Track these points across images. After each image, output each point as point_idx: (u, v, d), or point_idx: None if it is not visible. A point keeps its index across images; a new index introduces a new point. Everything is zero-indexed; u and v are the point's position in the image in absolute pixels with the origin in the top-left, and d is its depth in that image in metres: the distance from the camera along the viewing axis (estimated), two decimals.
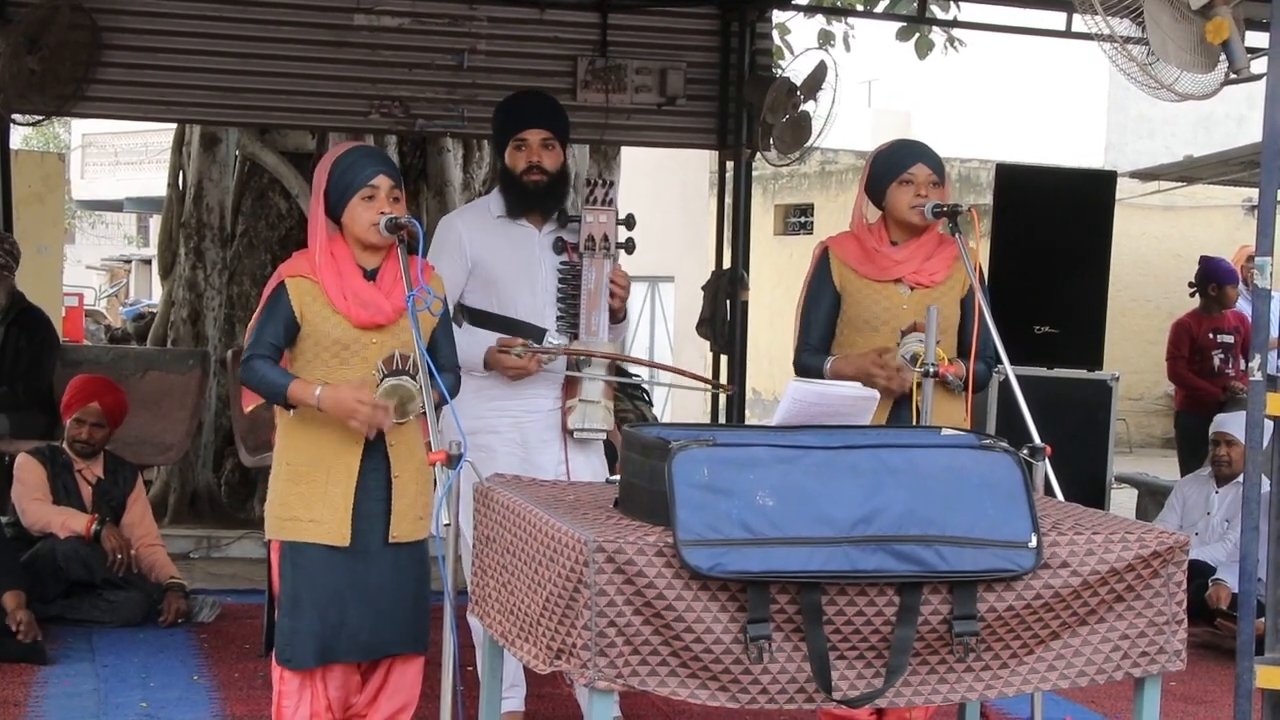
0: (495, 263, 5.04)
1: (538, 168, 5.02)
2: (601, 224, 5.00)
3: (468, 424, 4.99)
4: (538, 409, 5.05)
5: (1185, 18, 4.71)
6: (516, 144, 5.04)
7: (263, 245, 10.19)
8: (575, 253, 5.03)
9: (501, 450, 4.99)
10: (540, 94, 5.46)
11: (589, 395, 5.01)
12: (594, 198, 5.01)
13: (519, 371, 4.92)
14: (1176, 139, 20.02)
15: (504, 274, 5.04)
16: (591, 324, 5.00)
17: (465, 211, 5.40)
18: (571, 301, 5.02)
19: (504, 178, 5.12)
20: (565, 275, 5.04)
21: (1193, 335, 9.95)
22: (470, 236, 5.06)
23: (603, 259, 5.00)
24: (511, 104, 5.25)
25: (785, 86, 8.53)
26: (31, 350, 7.87)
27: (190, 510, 9.72)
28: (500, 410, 5.02)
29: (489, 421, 5.01)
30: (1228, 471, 7.55)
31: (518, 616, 3.54)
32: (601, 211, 5.01)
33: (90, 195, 34.10)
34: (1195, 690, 6.33)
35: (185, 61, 8.17)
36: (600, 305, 5.00)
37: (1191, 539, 3.62)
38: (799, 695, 3.27)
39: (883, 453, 3.34)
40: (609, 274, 5.01)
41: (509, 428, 5.03)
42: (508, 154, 5.08)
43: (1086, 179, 9.58)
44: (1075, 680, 3.47)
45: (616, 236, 5.02)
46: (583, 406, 5.01)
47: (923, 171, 4.84)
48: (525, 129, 5.04)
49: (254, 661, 6.12)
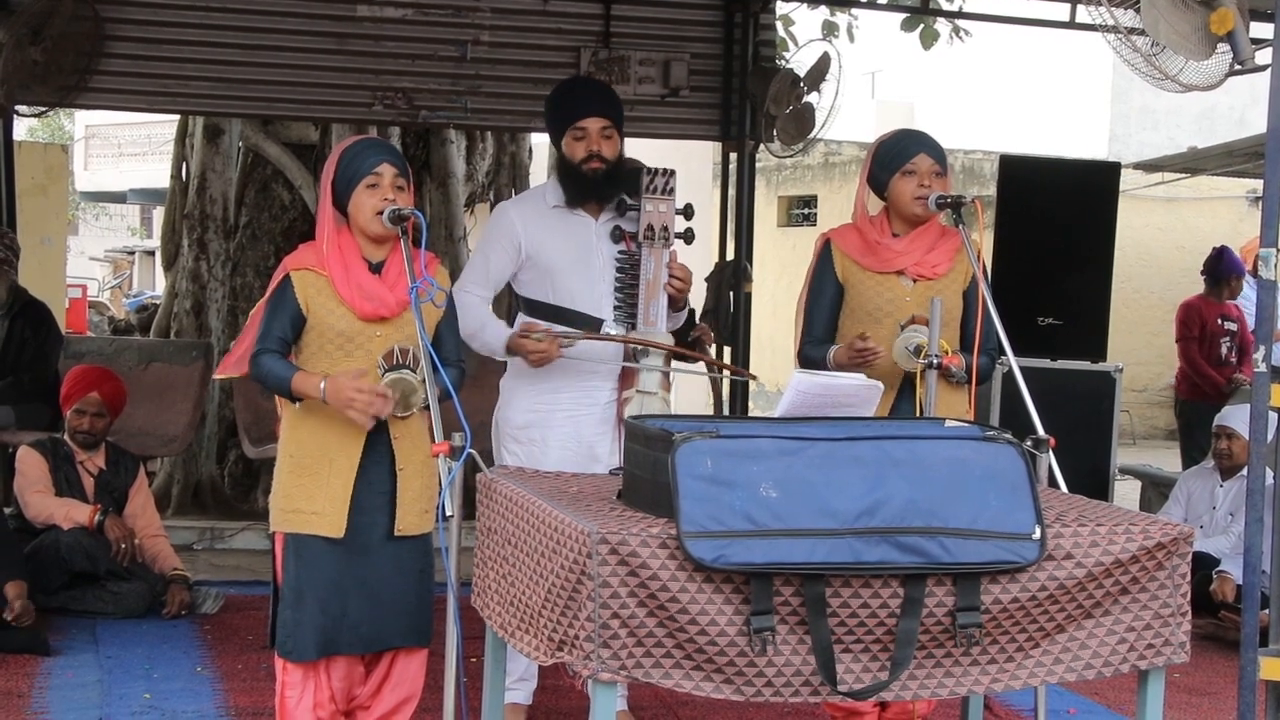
0: (551, 252, 4.97)
1: (597, 156, 4.94)
2: (661, 213, 4.91)
3: (522, 417, 5.00)
4: (595, 400, 4.99)
5: (1187, 7, 4.70)
6: (576, 133, 4.96)
7: (266, 237, 10.20)
8: (633, 241, 4.94)
9: (555, 443, 4.95)
10: (596, 81, 5.36)
11: (646, 386, 4.93)
12: (654, 186, 4.92)
13: (541, 357, 4.84)
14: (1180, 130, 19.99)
15: (560, 263, 4.97)
16: (650, 314, 4.91)
17: (521, 200, 5.33)
18: (630, 291, 4.93)
19: (561, 167, 5.03)
20: (623, 264, 4.94)
21: (1203, 318, 9.91)
22: (525, 226, 4.99)
23: (661, 248, 4.91)
24: (568, 91, 5.16)
25: (789, 78, 8.53)
26: (36, 342, 7.88)
27: (193, 501, 9.73)
28: (555, 404, 4.98)
29: (543, 415, 4.97)
30: (1229, 465, 7.55)
31: (518, 608, 3.53)
32: (661, 200, 4.91)
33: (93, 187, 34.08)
34: (1199, 682, 6.32)
35: (188, 53, 8.18)
36: (658, 295, 4.91)
37: (1196, 532, 3.61)
38: (804, 688, 3.26)
39: (886, 444, 3.34)
40: (668, 263, 4.93)
41: (563, 421, 4.98)
42: (565, 143, 4.99)
43: (1090, 170, 9.58)
44: (1081, 673, 3.47)
45: (675, 226, 4.95)
46: (640, 398, 4.92)
47: (925, 162, 4.82)
48: (584, 117, 4.95)
49: (257, 653, 6.13)
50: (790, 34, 11.47)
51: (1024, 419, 4.36)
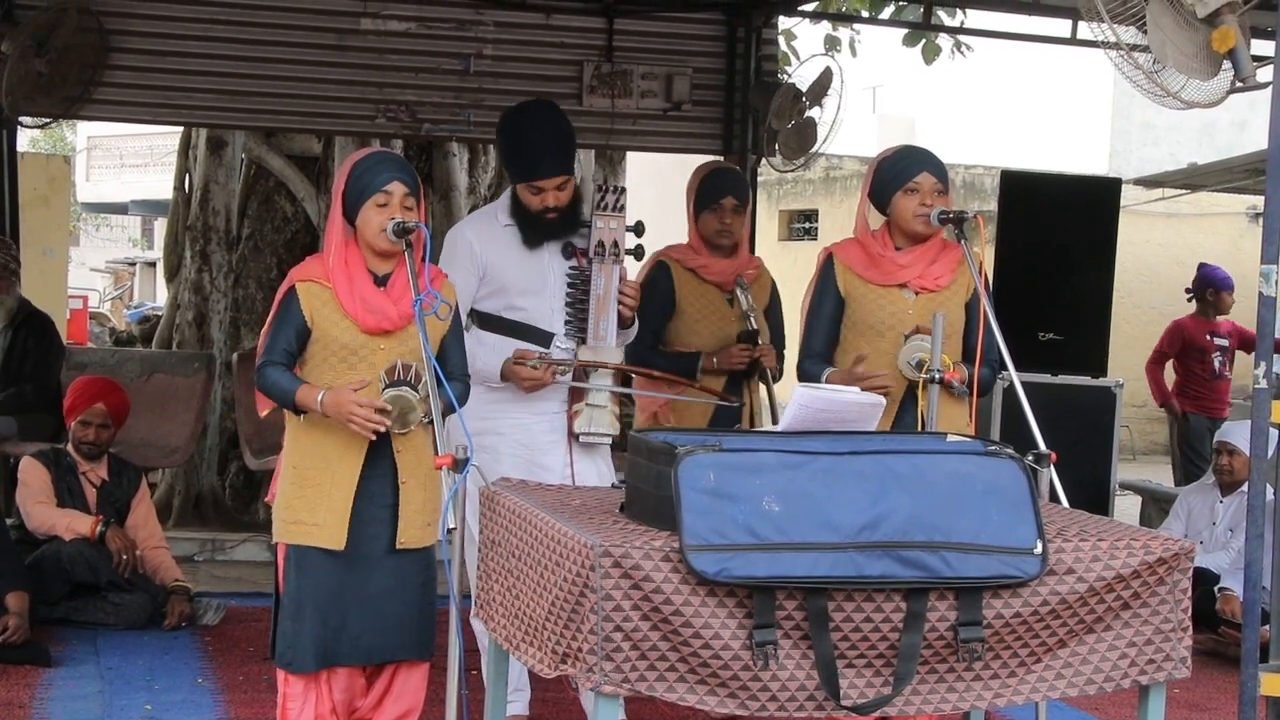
0: (505, 268, 5.03)
1: (553, 209, 5.01)
2: (611, 230, 4.99)
3: (473, 424, 4.98)
4: (543, 411, 5.05)
5: (1189, 25, 4.71)
6: (532, 189, 5.00)
7: (268, 248, 10.20)
8: (584, 258, 5.02)
9: (506, 452, 5.00)
10: (551, 121, 5.11)
11: (595, 400, 5.01)
12: (604, 203, 4.99)
13: (534, 383, 4.93)
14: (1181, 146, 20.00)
15: (513, 279, 5.03)
16: (600, 329, 4.99)
17: (473, 220, 5.37)
18: (580, 307, 5.01)
19: (519, 208, 5.06)
20: (574, 280, 5.03)
21: (1188, 337, 10.07)
22: (481, 245, 5.05)
23: (612, 264, 4.99)
24: (529, 145, 5.06)
25: (791, 92, 8.54)
26: (39, 352, 7.88)
27: (195, 513, 9.72)
28: (505, 412, 5.03)
29: (493, 423, 5.01)
30: (1230, 480, 7.56)
31: (523, 620, 3.54)
32: (612, 217, 4.99)
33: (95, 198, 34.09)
34: (1199, 697, 6.32)
35: (192, 65, 8.18)
36: (609, 311, 4.99)
37: (1196, 547, 3.62)
38: (809, 703, 3.26)
39: (888, 458, 3.35)
40: (618, 280, 5.00)
41: (513, 429, 5.04)
42: (522, 192, 5.03)
43: (1091, 186, 9.59)
44: (1083, 688, 3.47)
45: (625, 242, 5.01)
46: (589, 411, 5.00)
47: (928, 180, 4.84)
48: (540, 178, 4.99)
49: (258, 664, 6.12)
50: (792, 49, 11.48)
51: (1025, 434, 4.38)
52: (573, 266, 5.04)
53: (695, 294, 5.71)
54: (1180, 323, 10.27)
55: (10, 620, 6.07)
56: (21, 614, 6.12)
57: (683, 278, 5.72)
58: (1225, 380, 10.15)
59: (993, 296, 4.96)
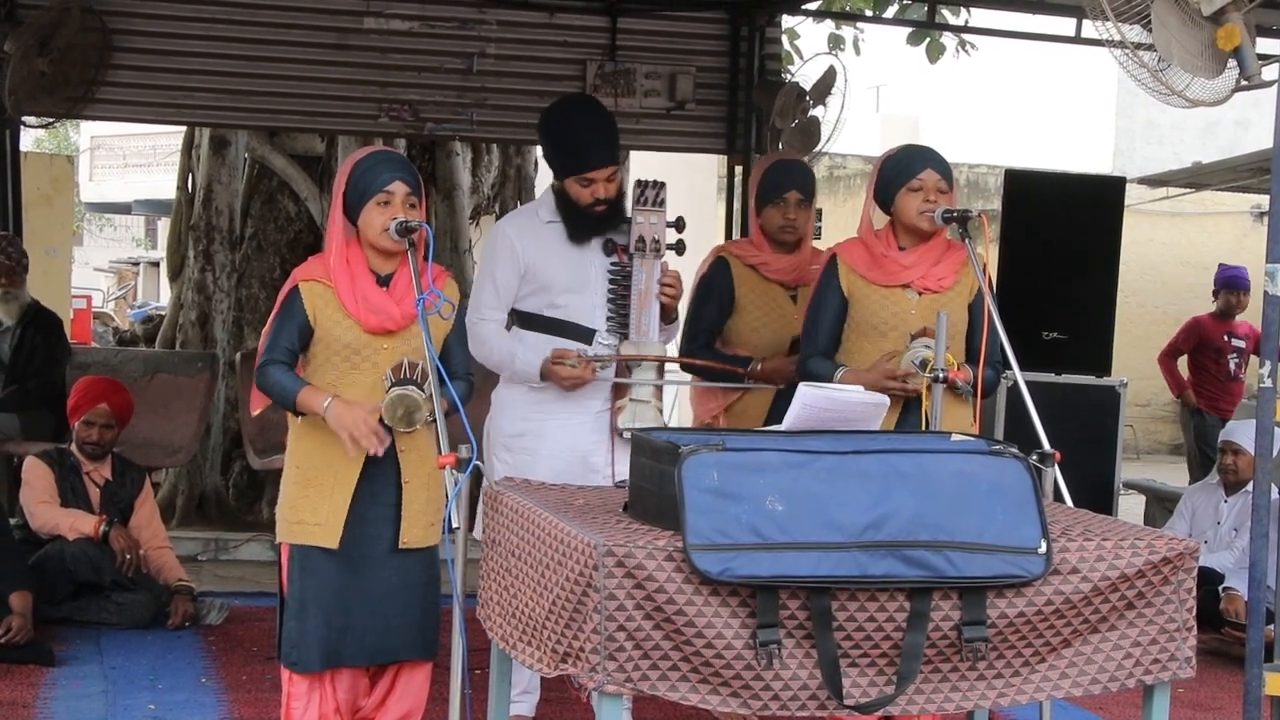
0: (546, 266, 4.99)
1: (603, 201, 4.98)
2: (652, 225, 4.95)
3: (515, 425, 5.02)
4: (587, 410, 4.99)
5: (1194, 23, 4.71)
6: (582, 182, 4.97)
7: (271, 248, 10.20)
8: (625, 254, 4.98)
9: (546, 453, 4.96)
10: (595, 113, 5.13)
11: (639, 395, 4.96)
12: (645, 199, 4.95)
13: (575, 381, 4.89)
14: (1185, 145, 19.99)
15: (555, 276, 4.99)
16: (642, 324, 4.95)
17: (514, 218, 5.31)
18: (622, 302, 4.97)
19: (565, 204, 5.03)
20: (615, 276, 4.99)
21: (1205, 335, 10.04)
22: (522, 243, 5.01)
23: (653, 260, 4.95)
24: (571, 134, 5.07)
25: (794, 91, 8.53)
26: (46, 349, 7.89)
27: (198, 513, 9.73)
28: (548, 412, 4.99)
29: (536, 424, 4.98)
30: (1234, 480, 7.55)
31: (520, 620, 3.53)
32: (652, 213, 4.95)
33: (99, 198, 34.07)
34: (1204, 697, 6.31)
35: (195, 64, 8.18)
36: (650, 306, 4.95)
37: (1200, 547, 3.61)
38: (811, 702, 3.26)
39: (892, 458, 3.34)
40: (659, 275, 4.97)
41: (557, 429, 4.98)
42: (572, 186, 4.99)
43: (1095, 185, 9.58)
44: (1088, 688, 3.47)
45: (666, 238, 4.98)
46: (633, 406, 4.95)
47: (931, 177, 4.83)
48: (593, 169, 4.96)
49: (262, 664, 6.12)
50: (796, 47, 11.48)
51: (1029, 433, 4.37)
52: (614, 263, 5.00)
53: (756, 292, 5.60)
54: (1199, 319, 10.26)
55: (14, 620, 6.07)
56: (25, 614, 6.12)
57: (743, 274, 5.60)
58: (1240, 383, 10.12)
59: (996, 296, 4.95)
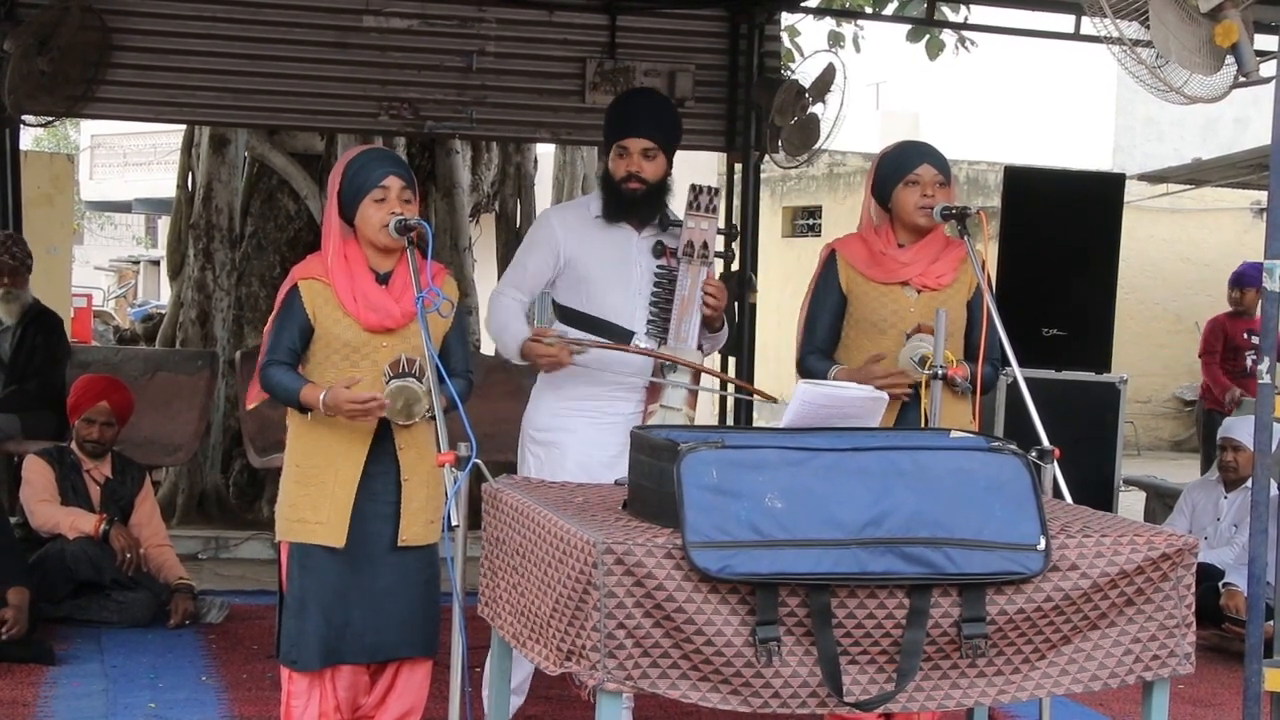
0: (589, 261, 4.94)
1: (636, 177, 4.91)
2: (703, 230, 4.87)
3: (546, 420, 4.98)
4: (619, 411, 4.92)
5: (1191, 19, 4.71)
6: (619, 150, 4.93)
7: (271, 247, 10.21)
8: (674, 257, 4.92)
9: (575, 449, 4.89)
10: (653, 95, 5.28)
11: (670, 402, 4.88)
12: (698, 204, 4.88)
13: (550, 361, 4.80)
14: (1184, 142, 19.98)
15: (596, 273, 4.93)
16: (681, 330, 4.87)
17: (565, 208, 5.30)
18: (664, 306, 4.89)
19: (605, 182, 5.01)
20: (661, 279, 4.92)
21: (1227, 333, 10.01)
22: (566, 233, 4.97)
23: (700, 266, 4.87)
24: (621, 106, 5.11)
25: (794, 89, 8.53)
26: (46, 349, 7.89)
27: (198, 511, 9.74)
28: (578, 410, 4.93)
29: (565, 420, 4.93)
30: (1234, 477, 7.56)
31: (529, 618, 3.54)
32: (704, 218, 4.87)
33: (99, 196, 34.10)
34: (1204, 693, 6.32)
35: (195, 63, 8.19)
36: (692, 312, 4.86)
37: (1200, 543, 3.62)
38: (811, 699, 3.26)
39: (891, 455, 3.34)
40: (704, 281, 4.90)
41: (585, 427, 4.92)
42: (610, 158, 4.97)
43: (1094, 181, 9.57)
44: (1087, 685, 3.47)
45: (716, 244, 4.92)
46: (663, 412, 4.87)
47: (928, 172, 4.83)
48: (629, 136, 4.92)
49: (262, 662, 6.13)
50: (796, 45, 11.48)
51: (1029, 430, 4.37)
52: (661, 266, 4.93)
53: None
54: (1219, 320, 10.19)
55: (8, 613, 6.07)
56: (21, 608, 6.11)
57: None
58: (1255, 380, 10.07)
59: (996, 293, 4.95)
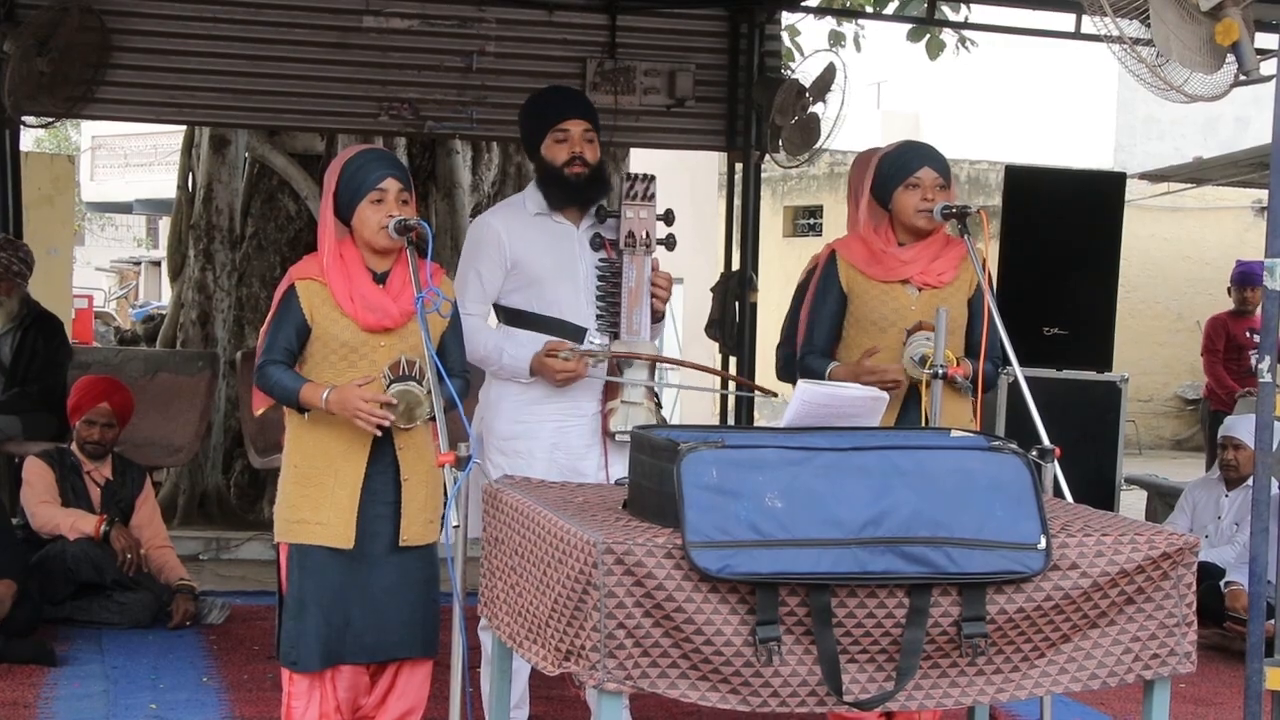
0: (535, 260, 4.89)
1: (580, 159, 4.87)
2: (642, 220, 4.81)
3: (508, 428, 4.91)
4: (582, 412, 4.88)
5: (1192, 18, 4.70)
6: (558, 135, 4.88)
7: (272, 247, 10.21)
8: (614, 249, 4.87)
9: (541, 455, 4.85)
10: (573, 89, 5.36)
11: (631, 397, 4.84)
12: (634, 192, 4.83)
13: (568, 376, 4.77)
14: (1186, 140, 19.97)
15: (544, 272, 4.88)
16: (633, 323, 4.84)
17: (500, 210, 5.21)
18: (611, 300, 4.85)
19: (543, 172, 4.94)
20: (604, 273, 4.88)
21: (1229, 332, 9.99)
22: (508, 235, 4.90)
23: (643, 256, 4.83)
24: (548, 97, 5.14)
25: (794, 88, 8.53)
26: (47, 353, 7.89)
27: (199, 512, 9.74)
28: (541, 416, 4.87)
29: (530, 427, 4.88)
30: (1235, 475, 7.55)
31: (526, 618, 3.54)
32: (642, 207, 4.82)
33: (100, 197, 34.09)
34: (1205, 692, 6.31)
35: (195, 63, 8.18)
36: (642, 303, 4.83)
37: (1201, 542, 3.61)
38: (810, 698, 3.26)
39: (892, 454, 3.34)
40: (649, 272, 4.86)
41: (551, 433, 4.87)
42: (546, 147, 4.91)
43: (1095, 180, 9.57)
44: (1086, 683, 3.47)
45: (656, 233, 4.87)
46: (625, 408, 4.83)
47: (929, 175, 4.83)
48: (567, 119, 4.89)
49: (263, 663, 6.13)
50: (796, 44, 11.48)
51: (1029, 429, 4.37)
52: (602, 259, 4.89)
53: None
54: (1219, 319, 10.16)
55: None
56: (3, 600, 6.11)
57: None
58: None
59: (997, 292, 4.95)
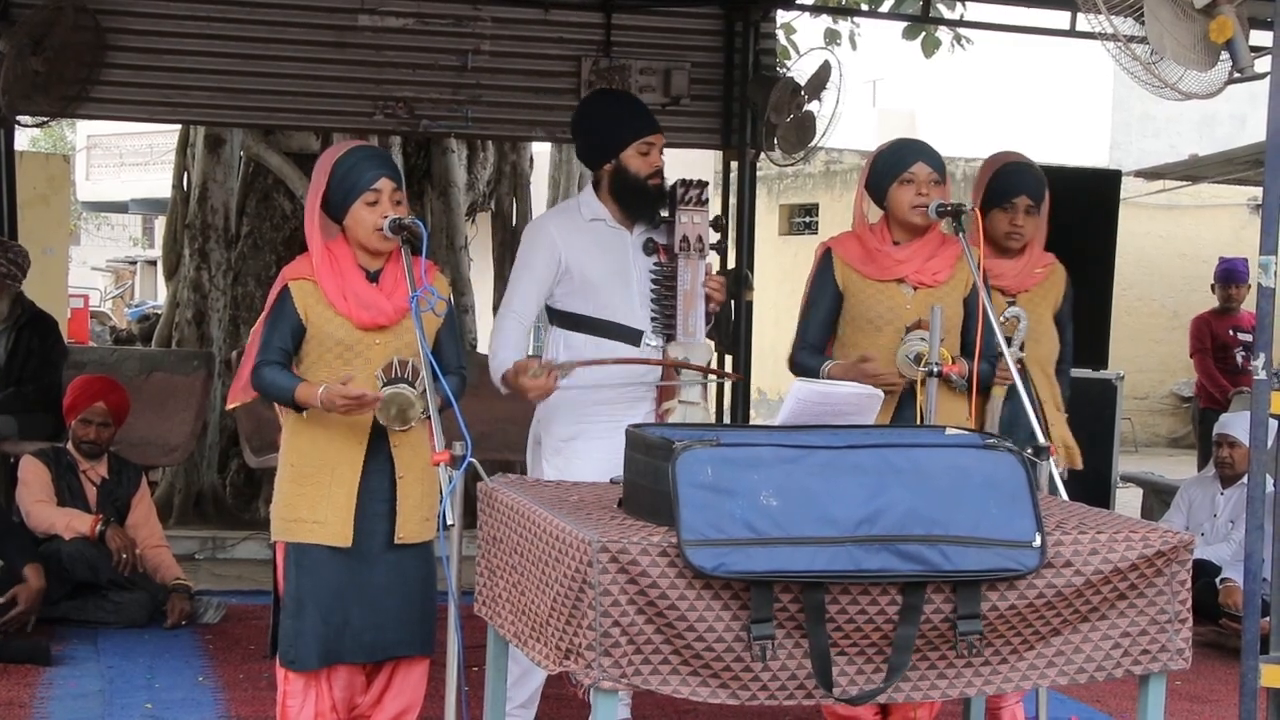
0: (590, 266, 4.90)
1: (659, 172, 4.91)
2: (695, 225, 4.87)
3: (565, 429, 4.92)
4: (638, 412, 4.87)
5: (1186, 15, 4.71)
6: (642, 148, 4.89)
7: (267, 246, 10.21)
8: (667, 254, 4.91)
9: (598, 455, 4.77)
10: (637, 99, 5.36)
11: (688, 396, 4.88)
12: (688, 198, 4.88)
13: (539, 392, 4.74)
14: (1181, 138, 19.99)
15: (600, 277, 4.90)
16: (689, 325, 4.87)
17: (557, 213, 5.24)
18: (666, 303, 4.88)
19: (624, 182, 4.92)
20: (658, 277, 4.91)
21: (1213, 331, 9.99)
22: (563, 239, 4.91)
23: (697, 259, 4.88)
24: (627, 104, 5.12)
25: (789, 86, 8.53)
26: (43, 352, 7.89)
27: (195, 511, 9.74)
28: (598, 416, 4.86)
29: (586, 428, 4.88)
30: (1230, 473, 7.56)
31: (529, 616, 3.54)
32: (695, 212, 4.87)
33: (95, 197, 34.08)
34: (1201, 689, 6.32)
35: (190, 63, 8.18)
36: (696, 305, 4.87)
37: (1197, 539, 3.61)
38: (799, 692, 3.27)
39: (887, 452, 3.34)
40: (704, 275, 4.90)
41: (606, 433, 4.79)
42: (629, 157, 4.90)
43: (1091, 178, 9.58)
44: (1075, 677, 3.47)
45: (709, 237, 4.92)
46: (682, 408, 4.85)
47: (923, 170, 4.84)
48: (654, 133, 4.92)
49: (259, 663, 6.12)
50: (792, 42, 11.48)
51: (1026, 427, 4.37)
52: (656, 263, 4.92)
53: None
54: (1204, 318, 10.16)
55: (21, 592, 6.11)
56: (36, 590, 6.15)
57: None
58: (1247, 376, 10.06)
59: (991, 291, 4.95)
